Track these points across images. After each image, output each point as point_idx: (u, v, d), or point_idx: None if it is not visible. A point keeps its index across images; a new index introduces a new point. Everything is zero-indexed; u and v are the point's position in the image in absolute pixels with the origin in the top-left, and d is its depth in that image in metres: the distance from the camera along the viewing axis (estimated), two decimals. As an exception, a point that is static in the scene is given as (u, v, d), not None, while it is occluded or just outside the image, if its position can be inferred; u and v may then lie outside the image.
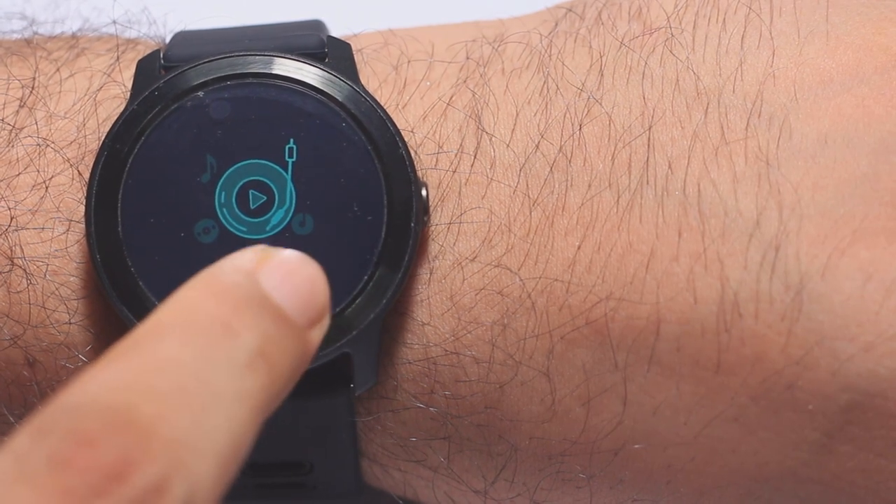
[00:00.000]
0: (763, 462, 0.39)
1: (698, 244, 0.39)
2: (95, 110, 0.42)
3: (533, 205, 0.41)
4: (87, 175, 0.41)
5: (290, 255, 0.36)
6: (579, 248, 0.40)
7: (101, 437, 0.30)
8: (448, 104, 0.42)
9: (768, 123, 0.40)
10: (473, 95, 0.42)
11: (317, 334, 0.35)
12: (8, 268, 0.41)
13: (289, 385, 0.34)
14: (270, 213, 0.40)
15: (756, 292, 0.38)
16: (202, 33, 0.44)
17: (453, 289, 0.41)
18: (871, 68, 0.40)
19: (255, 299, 0.34)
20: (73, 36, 0.45)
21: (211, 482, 0.31)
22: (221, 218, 0.40)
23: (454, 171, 0.41)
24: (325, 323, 0.36)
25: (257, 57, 0.41)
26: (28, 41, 0.45)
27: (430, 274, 0.41)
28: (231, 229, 0.40)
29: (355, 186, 0.40)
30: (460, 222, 0.41)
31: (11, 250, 0.41)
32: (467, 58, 0.43)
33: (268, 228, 0.40)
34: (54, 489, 0.29)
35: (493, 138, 0.41)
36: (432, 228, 0.41)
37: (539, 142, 0.41)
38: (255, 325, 0.33)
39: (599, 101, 0.41)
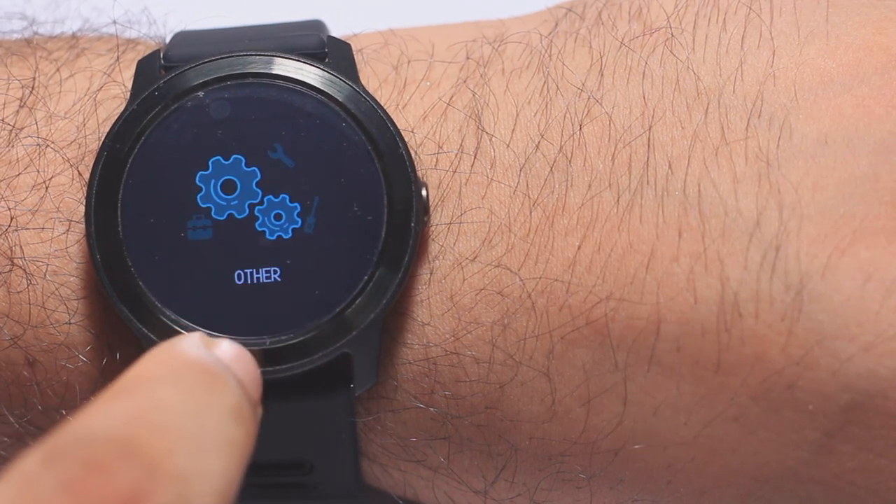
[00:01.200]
0: (763, 462, 0.39)
1: (698, 244, 0.39)
2: (95, 110, 0.42)
3: (533, 205, 0.41)
4: (87, 175, 0.41)
5: (230, 342, 0.38)
6: (579, 248, 0.40)
7: (112, 465, 0.31)
8: (448, 104, 0.42)
9: (768, 123, 0.40)
10: (473, 95, 0.42)
11: (259, 414, 0.37)
12: (8, 268, 0.41)
13: (252, 450, 0.36)
14: (271, 213, 0.40)
15: (756, 292, 0.38)
16: (202, 33, 0.44)
17: (453, 289, 0.41)
18: (872, 68, 0.40)
19: (222, 366, 0.36)
20: (73, 36, 0.45)
21: None
22: (221, 218, 0.40)
23: (454, 172, 0.41)
24: (261, 411, 0.38)
25: (257, 57, 0.41)
26: (28, 41, 0.45)
27: (431, 274, 0.41)
28: (231, 229, 0.40)
29: (355, 186, 0.40)
30: (460, 222, 0.41)
31: (11, 250, 0.41)
32: (467, 58, 0.43)
33: (268, 228, 0.41)
34: None
35: (494, 138, 0.41)
36: (432, 228, 0.41)
37: (539, 142, 0.41)
38: (229, 385, 0.35)
39: (599, 101, 0.41)
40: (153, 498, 0.31)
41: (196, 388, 0.34)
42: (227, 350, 0.37)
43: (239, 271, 0.40)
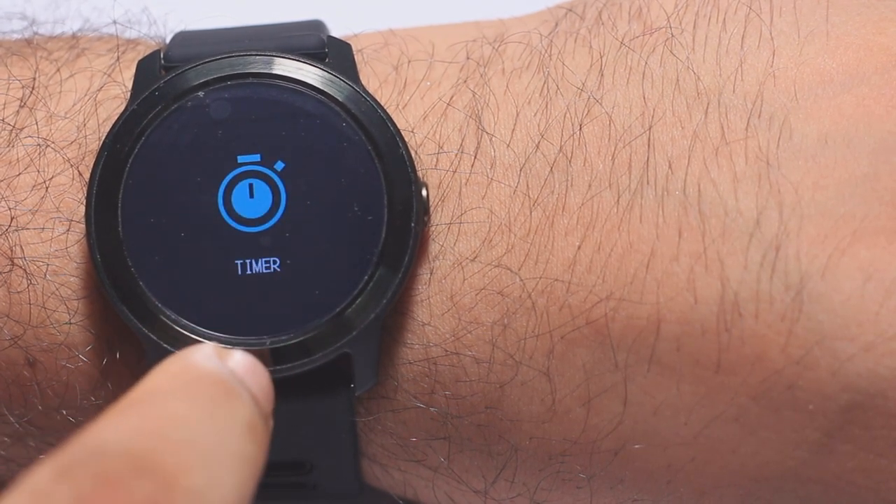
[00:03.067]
0: (763, 462, 0.39)
1: (698, 244, 0.39)
2: (96, 110, 0.42)
3: (533, 205, 0.41)
4: (87, 175, 0.41)
5: (244, 353, 0.37)
6: (579, 248, 0.40)
7: (127, 480, 0.31)
8: (448, 104, 0.42)
9: (768, 123, 0.40)
10: (474, 95, 0.42)
11: (270, 426, 0.37)
12: (8, 268, 0.41)
13: (264, 464, 0.35)
14: (270, 213, 0.40)
15: (756, 292, 0.38)
16: (202, 33, 0.44)
17: (453, 289, 0.41)
18: (872, 68, 0.40)
19: (236, 379, 0.36)
20: (74, 36, 0.45)
21: None
22: (221, 218, 0.40)
23: (454, 172, 0.41)
24: (272, 423, 0.37)
25: (257, 57, 0.41)
26: (28, 41, 0.45)
27: (431, 274, 0.41)
28: (231, 229, 0.40)
29: (355, 186, 0.40)
30: (460, 222, 0.41)
31: (12, 250, 0.41)
32: (467, 58, 0.43)
33: (268, 228, 0.40)
34: None
35: (494, 138, 0.41)
36: (432, 228, 0.41)
37: (539, 142, 0.41)
38: (243, 400, 0.35)
39: (600, 101, 0.41)
40: None
41: (210, 401, 0.34)
42: (241, 361, 0.37)
43: (238, 268, 0.40)
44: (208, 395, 0.34)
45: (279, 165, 0.41)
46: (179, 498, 0.31)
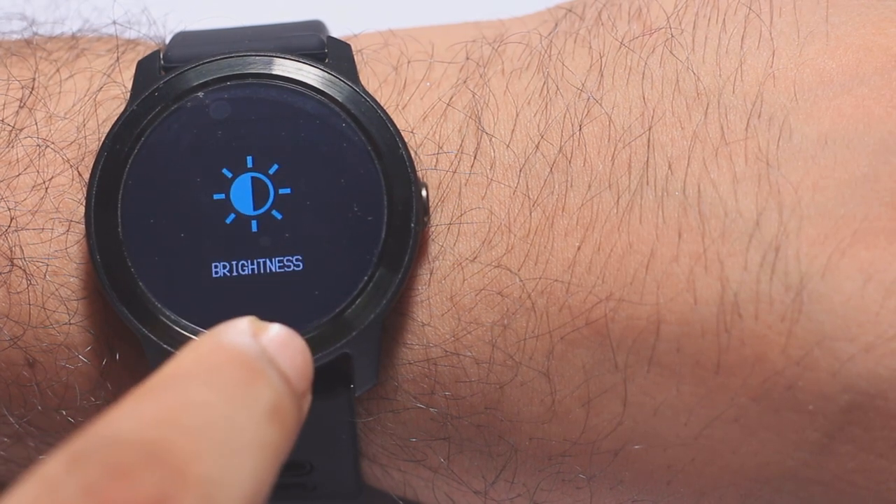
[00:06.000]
0: (763, 463, 0.39)
1: (698, 245, 0.39)
2: (95, 111, 0.42)
3: (533, 205, 0.41)
4: (86, 176, 0.41)
5: (282, 327, 0.37)
6: (579, 248, 0.40)
7: (137, 470, 0.30)
8: (448, 105, 0.42)
9: (768, 124, 0.40)
10: (473, 96, 0.42)
11: (306, 405, 0.37)
12: (8, 268, 0.41)
13: (291, 446, 0.35)
14: (270, 213, 0.40)
15: (756, 293, 0.38)
16: (202, 34, 0.44)
17: (453, 289, 0.41)
18: (871, 69, 0.40)
19: (266, 359, 0.35)
20: (73, 36, 0.45)
21: None
22: (221, 218, 0.40)
23: (454, 172, 0.41)
24: (310, 398, 0.37)
25: (257, 57, 0.41)
26: (28, 42, 0.45)
27: (430, 274, 0.41)
28: (230, 229, 0.40)
29: (355, 187, 0.40)
30: (460, 223, 0.41)
31: (11, 251, 0.41)
32: (467, 58, 0.43)
33: (267, 228, 0.40)
34: None
35: (493, 139, 0.41)
36: (432, 229, 0.41)
37: (539, 142, 0.41)
38: (269, 381, 0.34)
39: (599, 101, 0.41)
40: (178, 503, 0.30)
41: (231, 386, 0.33)
42: (275, 337, 0.36)
43: (238, 268, 0.40)
44: (230, 378, 0.34)
45: (279, 166, 0.41)
46: (191, 487, 0.31)
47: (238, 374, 0.34)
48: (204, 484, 0.31)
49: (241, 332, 0.35)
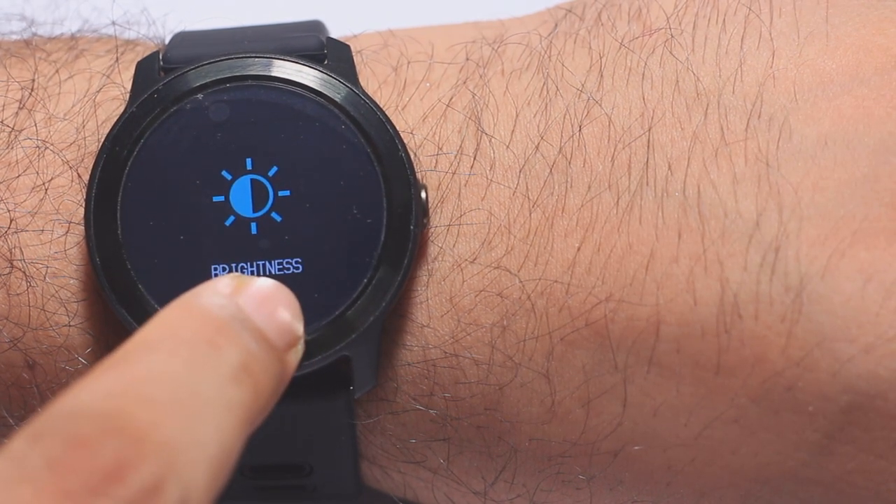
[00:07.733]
0: (763, 463, 0.39)
1: (698, 245, 0.39)
2: (95, 112, 0.42)
3: (533, 206, 0.41)
4: (86, 177, 0.41)
5: (265, 281, 0.37)
6: (579, 249, 0.40)
7: (96, 440, 0.31)
8: (448, 105, 0.42)
9: (768, 124, 0.40)
10: (473, 97, 0.42)
11: (293, 357, 0.37)
12: (7, 270, 0.41)
13: (270, 403, 0.36)
14: (269, 216, 0.40)
15: (756, 294, 0.38)
16: (201, 34, 0.44)
17: (453, 290, 0.41)
18: (871, 69, 0.40)
19: (237, 319, 0.35)
20: (73, 37, 0.45)
21: (203, 486, 0.32)
22: (221, 220, 0.40)
23: (454, 173, 0.41)
24: (300, 348, 0.38)
25: (257, 59, 0.41)
26: (27, 42, 0.45)
27: (430, 276, 0.41)
28: (230, 231, 0.40)
29: (355, 188, 0.40)
30: (460, 224, 0.41)
31: (11, 252, 0.41)
32: (467, 59, 0.43)
33: (267, 230, 0.40)
34: (53, 490, 0.30)
35: (493, 140, 0.41)
36: (432, 230, 0.41)
37: (539, 143, 0.41)
38: (237, 342, 0.35)
39: (599, 102, 0.41)
40: (138, 469, 0.31)
41: (193, 351, 0.34)
42: (255, 292, 0.36)
43: (238, 270, 0.40)
44: (194, 342, 0.34)
45: (278, 168, 0.40)
46: (149, 452, 0.31)
47: (202, 338, 0.34)
48: (163, 448, 0.31)
49: (215, 292, 0.36)
